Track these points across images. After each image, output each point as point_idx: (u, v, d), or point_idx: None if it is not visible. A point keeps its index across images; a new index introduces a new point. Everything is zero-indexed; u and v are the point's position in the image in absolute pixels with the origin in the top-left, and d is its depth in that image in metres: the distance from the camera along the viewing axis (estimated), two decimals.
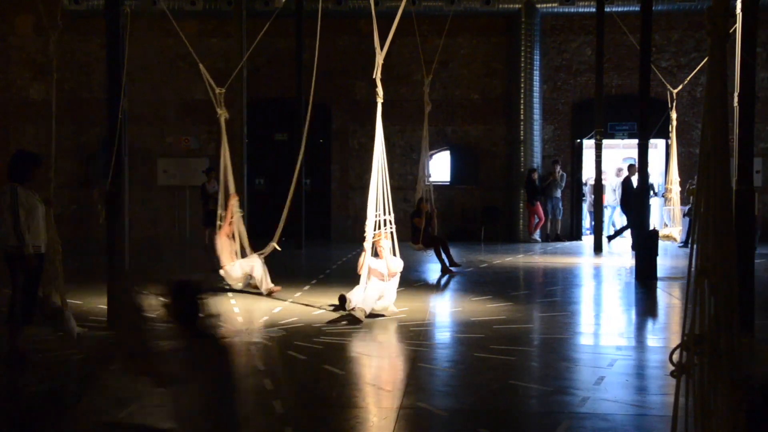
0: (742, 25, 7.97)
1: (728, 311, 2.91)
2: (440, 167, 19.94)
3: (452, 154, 20.12)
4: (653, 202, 16.70)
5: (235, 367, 3.71)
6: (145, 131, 19.14)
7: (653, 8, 13.78)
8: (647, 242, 12.55)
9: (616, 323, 9.48)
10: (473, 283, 12.46)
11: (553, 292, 11.43)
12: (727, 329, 2.91)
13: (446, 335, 8.74)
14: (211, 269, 11.66)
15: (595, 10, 17.08)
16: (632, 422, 5.53)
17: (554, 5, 19.02)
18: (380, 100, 9.43)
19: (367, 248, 9.26)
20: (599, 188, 17.46)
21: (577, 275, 13.72)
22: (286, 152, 19.18)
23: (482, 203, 19.86)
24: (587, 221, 20.43)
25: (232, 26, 13.26)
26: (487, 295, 10.98)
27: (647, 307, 10.77)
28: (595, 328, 9.48)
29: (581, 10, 18.89)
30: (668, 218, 16.30)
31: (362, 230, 9.47)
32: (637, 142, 13.08)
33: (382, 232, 9.45)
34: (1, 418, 5.77)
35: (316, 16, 10.32)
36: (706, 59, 3.16)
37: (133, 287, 3.33)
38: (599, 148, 16.92)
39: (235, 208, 11.72)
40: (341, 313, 9.34)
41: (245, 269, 11.26)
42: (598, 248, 16.84)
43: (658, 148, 19.64)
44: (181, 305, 3.47)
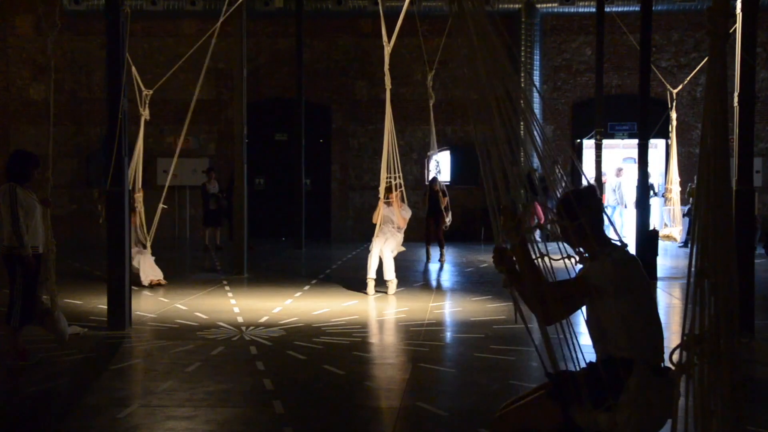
0: (742, 25, 7.97)
1: (728, 311, 2.91)
2: (441, 167, 19.94)
3: (452, 154, 20.12)
4: (653, 202, 16.71)
5: None
6: (145, 131, 19.15)
7: (653, 8, 13.80)
8: (647, 242, 12.55)
9: None
10: (473, 283, 12.46)
11: None
12: (727, 329, 2.91)
13: (446, 335, 8.74)
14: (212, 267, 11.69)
15: (595, 10, 17.09)
16: None
17: (554, 5, 19.03)
18: (389, 87, 10.89)
19: (381, 202, 11.16)
20: (599, 188, 17.46)
21: None
22: (286, 152, 19.20)
23: (482, 203, 19.85)
24: None
25: (232, 26, 13.24)
26: (487, 295, 10.98)
27: None
28: None
29: (581, 10, 18.89)
30: (668, 218, 16.31)
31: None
32: (637, 142, 13.09)
33: (394, 193, 11.21)
34: (1, 418, 5.77)
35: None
36: (706, 59, 3.17)
37: None
38: (599, 148, 16.93)
39: (137, 202, 11.88)
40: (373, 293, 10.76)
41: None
42: None
43: (658, 148, 19.64)
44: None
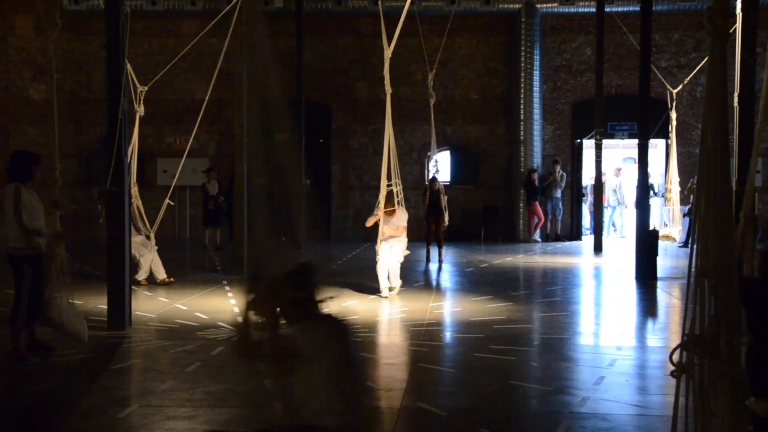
0: (742, 25, 7.98)
1: (728, 311, 2.91)
2: (440, 167, 19.94)
3: (452, 154, 20.12)
4: (653, 202, 16.71)
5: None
6: (144, 131, 19.15)
7: (653, 8, 13.80)
8: (647, 242, 12.55)
9: (616, 323, 9.48)
10: (473, 283, 12.46)
11: (553, 292, 11.43)
12: (727, 329, 2.91)
13: (446, 335, 8.74)
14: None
15: (595, 10, 17.08)
16: (632, 422, 5.53)
17: (554, 5, 19.03)
18: (389, 90, 10.73)
19: (379, 213, 10.89)
20: (599, 188, 17.47)
21: (577, 275, 13.72)
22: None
23: (482, 203, 19.87)
24: (587, 221, 20.42)
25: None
26: (487, 295, 10.98)
27: (647, 307, 10.77)
28: (595, 328, 9.49)
29: (581, 10, 18.89)
30: (668, 218, 16.31)
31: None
32: (637, 142, 13.09)
33: (395, 201, 10.98)
34: (1, 418, 5.77)
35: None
36: (706, 59, 3.17)
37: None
38: (599, 148, 16.93)
39: (134, 196, 11.77)
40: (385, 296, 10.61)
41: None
42: (598, 248, 16.84)
43: (658, 148, 19.64)
44: (303, 288, 3.40)
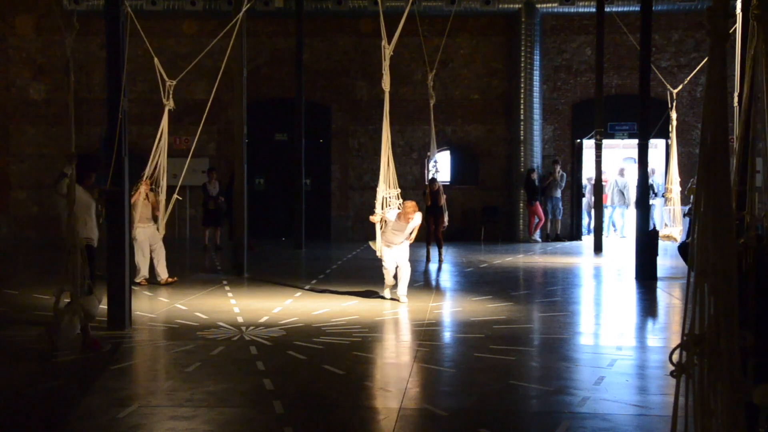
0: (742, 25, 7.97)
1: (728, 311, 2.91)
2: (440, 167, 19.94)
3: (452, 154, 20.12)
4: (653, 202, 16.70)
5: None
6: (145, 131, 19.16)
7: (653, 8, 13.79)
8: (647, 242, 12.55)
9: (616, 323, 9.48)
10: (473, 283, 12.46)
11: (553, 292, 11.43)
12: (727, 329, 2.91)
13: (446, 335, 8.74)
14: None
15: (595, 10, 17.09)
16: (632, 422, 5.53)
17: (554, 5, 19.03)
18: (387, 88, 10.39)
19: (377, 213, 10.60)
20: (599, 188, 17.47)
21: (577, 275, 13.72)
22: (286, 152, 19.19)
23: (482, 203, 19.87)
24: (588, 221, 20.41)
25: (232, 26, 13.23)
26: (487, 295, 10.98)
27: (647, 307, 10.77)
28: (595, 328, 9.49)
29: (581, 10, 18.89)
30: (668, 218, 16.29)
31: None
32: (637, 142, 13.09)
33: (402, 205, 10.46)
34: (1, 418, 5.77)
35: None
36: (706, 59, 3.17)
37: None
38: (599, 148, 16.93)
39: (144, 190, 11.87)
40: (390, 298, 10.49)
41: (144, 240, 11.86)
42: (598, 248, 16.84)
43: (658, 148, 19.64)
44: None
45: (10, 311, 9.75)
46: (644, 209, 12.88)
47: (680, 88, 15.56)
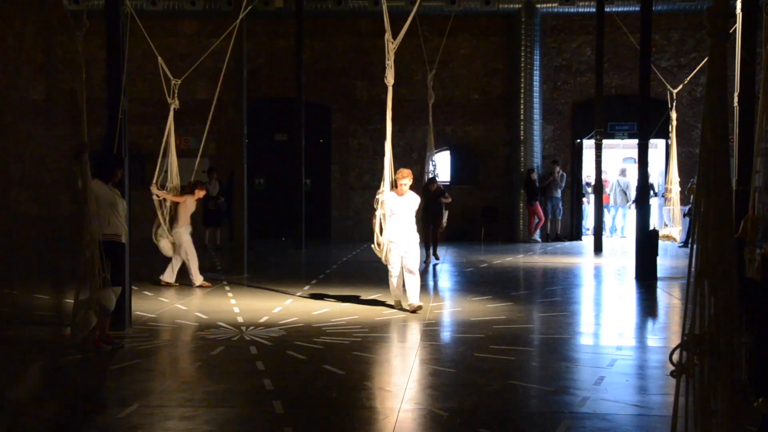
0: (742, 25, 7.97)
1: (728, 311, 2.91)
2: (440, 167, 19.94)
3: (452, 154, 20.12)
4: (653, 202, 16.70)
5: None
6: (145, 131, 19.16)
7: (653, 8, 13.78)
8: (647, 242, 12.55)
9: (616, 323, 9.48)
10: (473, 283, 12.46)
11: (553, 292, 11.43)
12: (727, 329, 2.91)
13: (446, 335, 8.74)
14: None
15: (595, 10, 17.08)
16: (632, 422, 5.53)
17: (554, 5, 19.03)
18: (390, 83, 10.00)
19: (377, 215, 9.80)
20: (599, 188, 17.47)
21: (577, 275, 13.72)
22: (286, 152, 19.19)
23: (482, 203, 19.87)
24: (590, 221, 20.41)
25: (233, 27, 13.23)
26: (487, 295, 10.98)
27: (647, 307, 10.77)
28: (595, 328, 9.49)
29: (581, 10, 18.89)
30: (668, 218, 16.29)
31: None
32: (637, 142, 13.09)
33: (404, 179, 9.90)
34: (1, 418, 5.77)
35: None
36: (706, 59, 3.17)
37: None
38: (599, 148, 16.93)
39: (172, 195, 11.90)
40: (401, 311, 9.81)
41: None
42: (598, 248, 16.84)
43: (658, 148, 19.64)
44: None
45: (10, 311, 9.74)
46: (644, 209, 12.89)
47: (680, 88, 15.54)
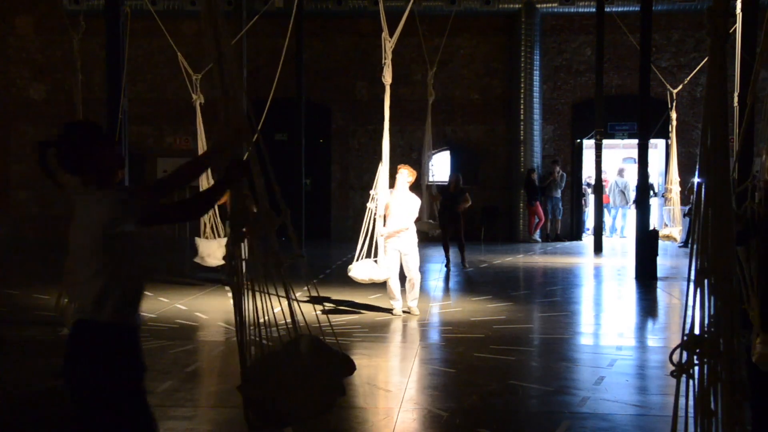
0: (742, 25, 7.98)
1: (728, 311, 2.91)
2: (440, 167, 19.95)
3: (452, 154, 20.11)
4: (653, 202, 16.69)
5: None
6: (145, 131, 19.16)
7: (653, 8, 13.79)
8: (647, 242, 12.55)
9: (616, 323, 9.48)
10: (473, 283, 12.46)
11: (553, 292, 11.43)
12: (727, 329, 2.91)
13: (446, 335, 8.74)
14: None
15: (595, 10, 17.08)
16: (632, 422, 5.53)
17: (554, 5, 19.02)
18: (388, 82, 9.92)
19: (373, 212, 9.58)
20: (599, 188, 17.47)
21: (577, 275, 13.72)
22: (286, 152, 19.19)
23: (482, 203, 19.86)
24: (590, 221, 20.40)
25: (232, 26, 13.26)
26: (487, 295, 10.98)
27: (647, 307, 10.77)
28: (595, 328, 9.49)
29: (581, 10, 18.89)
30: (668, 218, 16.29)
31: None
32: (637, 142, 13.09)
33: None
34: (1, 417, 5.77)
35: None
36: (706, 59, 3.18)
37: None
38: (599, 148, 16.92)
39: None
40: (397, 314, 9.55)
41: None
42: (598, 248, 16.84)
43: (658, 148, 19.63)
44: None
45: (10, 311, 9.75)
46: (644, 209, 12.89)
47: (680, 88, 15.54)
